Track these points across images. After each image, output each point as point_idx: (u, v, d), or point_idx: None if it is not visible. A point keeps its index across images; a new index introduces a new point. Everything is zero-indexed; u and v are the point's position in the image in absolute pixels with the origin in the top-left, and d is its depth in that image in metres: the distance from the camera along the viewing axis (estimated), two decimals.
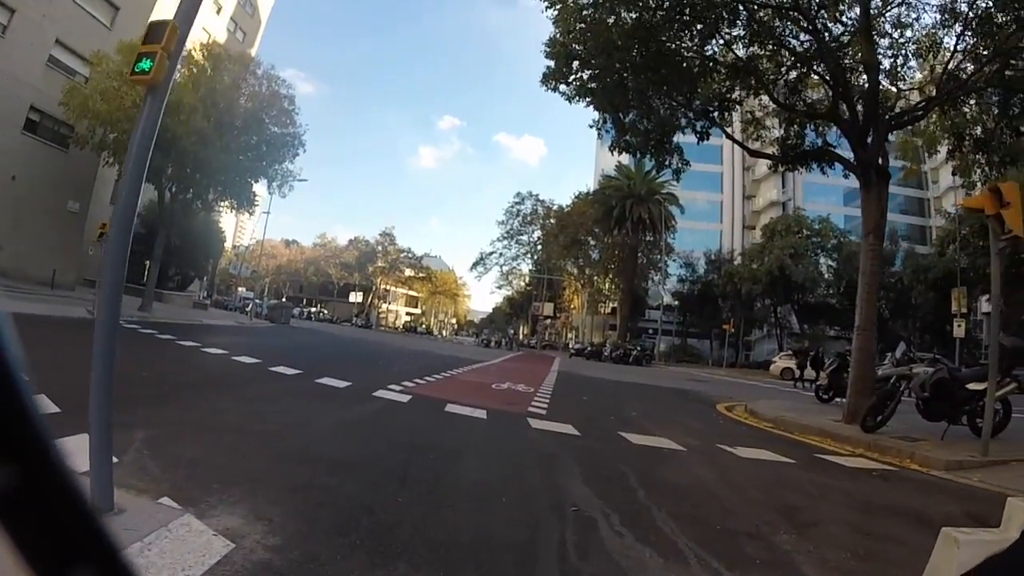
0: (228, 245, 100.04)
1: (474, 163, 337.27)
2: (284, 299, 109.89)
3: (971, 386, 10.49)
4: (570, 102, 16.26)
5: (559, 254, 68.51)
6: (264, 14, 60.22)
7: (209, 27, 40.80)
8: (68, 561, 0.56)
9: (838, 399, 17.42)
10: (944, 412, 10.62)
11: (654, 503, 5.26)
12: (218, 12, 50.95)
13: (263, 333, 29.39)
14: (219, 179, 31.71)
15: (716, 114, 16.42)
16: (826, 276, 51.42)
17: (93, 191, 35.60)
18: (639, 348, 47.33)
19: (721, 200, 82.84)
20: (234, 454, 5.60)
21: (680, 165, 17.25)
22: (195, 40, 31.94)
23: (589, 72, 15.47)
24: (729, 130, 18.02)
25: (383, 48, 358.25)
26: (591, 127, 17.60)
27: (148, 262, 31.43)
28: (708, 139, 16.72)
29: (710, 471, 7.18)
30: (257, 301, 57.15)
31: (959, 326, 38.96)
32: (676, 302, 60.05)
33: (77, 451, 3.56)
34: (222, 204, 37.71)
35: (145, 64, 3.88)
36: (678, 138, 17.01)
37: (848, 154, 15.46)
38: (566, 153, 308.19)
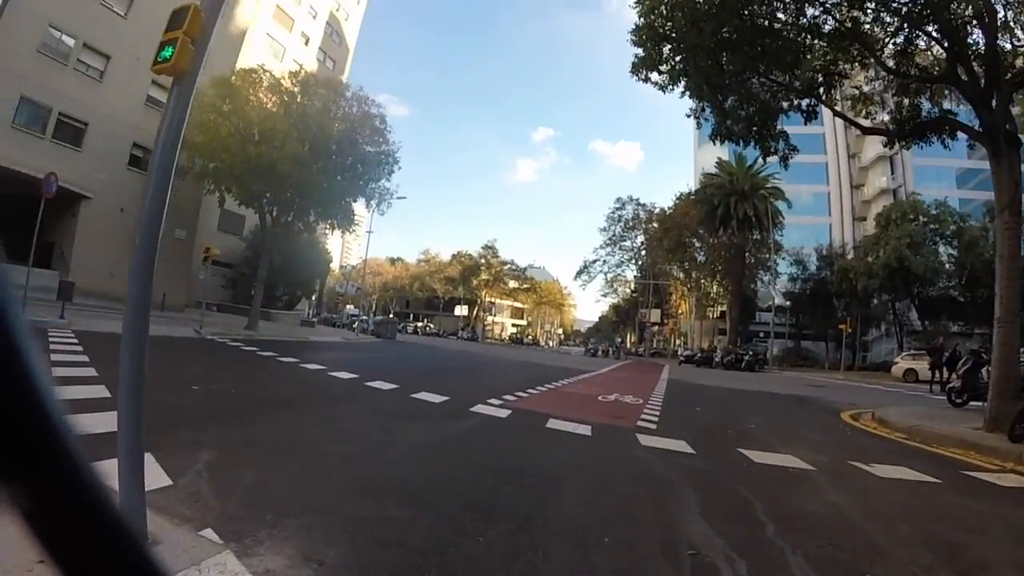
0: (335, 265, 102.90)
1: (572, 172, 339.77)
2: (391, 315, 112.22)
3: None
4: (664, 91, 15.25)
5: (663, 258, 66.73)
6: (351, 41, 62.23)
7: (299, 58, 42.36)
8: (97, 559, 0.56)
9: (973, 403, 15.93)
10: None
11: (787, 542, 4.35)
12: (306, 43, 53.14)
13: (367, 348, 29.45)
14: (318, 200, 32.15)
15: (821, 90, 15.09)
16: (947, 266, 47.57)
17: (198, 219, 37.26)
18: (751, 353, 45.11)
19: (828, 192, 79.45)
20: (299, 480, 5.07)
21: (787, 151, 15.97)
22: (285, 70, 32.96)
23: (681, 55, 14.40)
24: (837, 108, 16.55)
25: (471, 66, 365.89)
26: (688, 116, 16.43)
27: (255, 284, 32.11)
28: (816, 118, 15.61)
29: (846, 496, 6.13)
30: (364, 317, 57.67)
31: None
32: (788, 303, 56.96)
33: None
34: (323, 225, 38.53)
35: (167, 52, 3.55)
36: (782, 123, 15.85)
37: (971, 122, 13.90)
38: (664, 155, 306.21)
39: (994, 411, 11.11)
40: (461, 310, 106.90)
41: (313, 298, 68.19)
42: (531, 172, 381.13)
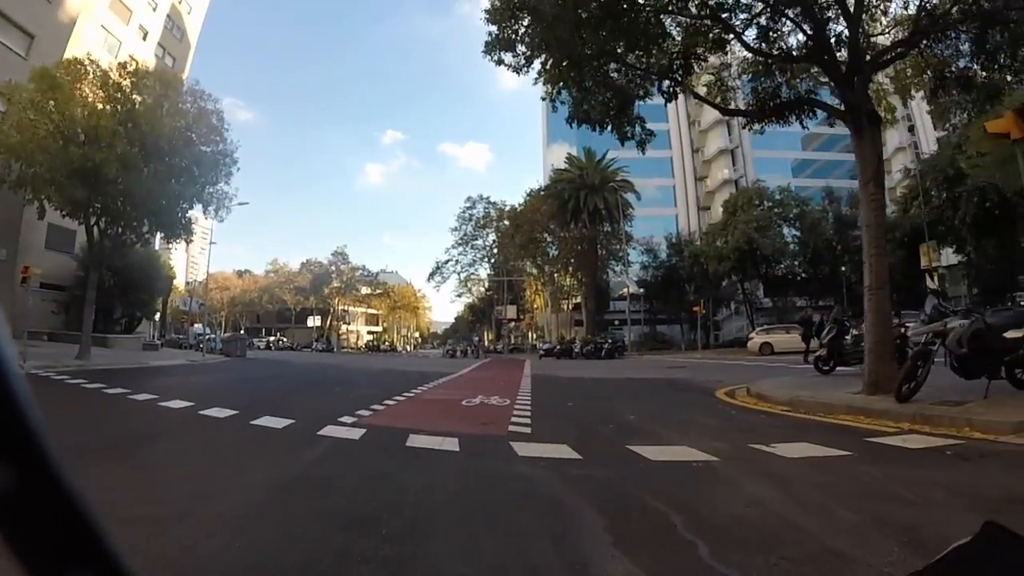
0: (180, 281, 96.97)
1: (421, 175, 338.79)
2: (242, 331, 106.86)
3: (1010, 334, 9.09)
4: (518, 73, 14.52)
5: (516, 255, 66.77)
6: (193, 38, 58.86)
7: (137, 53, 38.23)
8: (65, 563, 0.57)
9: (841, 368, 16.30)
10: (983, 367, 9.38)
11: (731, 566, 3.43)
12: (144, 38, 48.85)
13: (212, 370, 27.06)
14: (150, 208, 29.05)
15: (680, 74, 14.76)
16: (791, 247, 50.41)
17: (20, 236, 33.13)
18: (610, 341, 45.69)
19: (673, 184, 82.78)
20: None
21: (643, 136, 15.54)
22: (112, 63, 29.66)
23: (541, 25, 13.53)
24: (696, 91, 16.39)
25: (319, 70, 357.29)
26: (544, 99, 15.85)
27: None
28: (676, 98, 15.37)
29: (766, 488, 5.32)
30: (211, 336, 54.04)
31: (933, 280, 38.34)
32: (641, 290, 58.32)
33: None
34: (158, 236, 35.12)
35: None
36: (638, 109, 15.41)
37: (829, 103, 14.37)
38: (513, 156, 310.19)
39: (873, 375, 11.18)
40: (314, 321, 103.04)
41: (156, 319, 63.51)
42: (380, 176, 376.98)
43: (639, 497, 5.12)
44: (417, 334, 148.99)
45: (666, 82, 14.76)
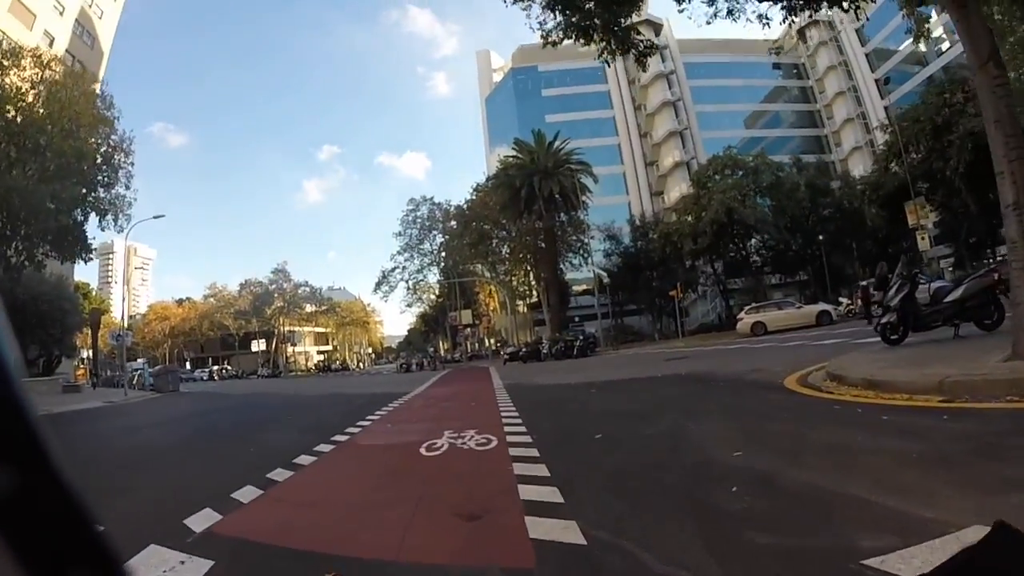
0: (117, 315, 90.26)
1: (361, 188, 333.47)
2: (186, 362, 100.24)
3: None
4: None
5: (467, 256, 62.11)
6: (106, 44, 53.90)
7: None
8: (65, 566, 0.56)
9: (915, 334, 12.66)
10: None
11: None
12: (51, 44, 42.83)
13: (115, 414, 21.98)
14: (29, 217, 23.87)
15: None
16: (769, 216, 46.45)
17: None
18: (580, 338, 41.07)
19: (623, 171, 79.72)
20: None
21: (646, 47, 11.36)
22: None
23: None
24: None
25: (247, 89, 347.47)
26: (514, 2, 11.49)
27: None
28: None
29: None
30: (140, 371, 49.09)
31: (922, 239, 34.94)
32: (607, 281, 53.73)
33: None
34: (46, 253, 29.39)
35: None
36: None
37: None
38: (452, 162, 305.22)
39: None
40: (259, 345, 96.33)
41: (87, 356, 57.57)
42: (320, 192, 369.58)
43: None
44: (370, 350, 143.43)
45: None
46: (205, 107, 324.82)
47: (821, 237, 45.70)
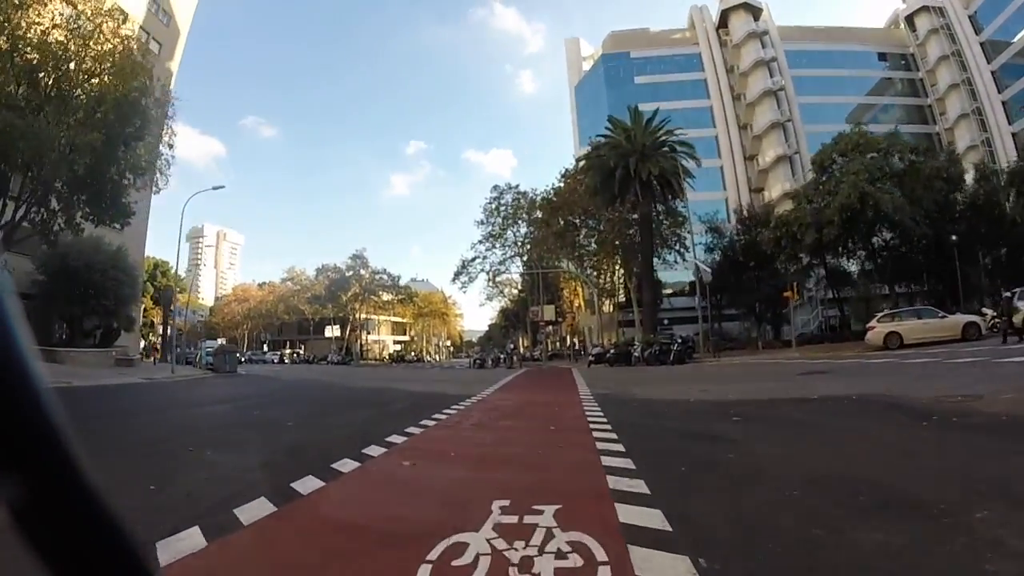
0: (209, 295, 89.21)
1: (447, 184, 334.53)
2: (265, 344, 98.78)
3: None
4: None
5: (553, 245, 57.11)
6: (184, 25, 51.79)
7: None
8: (91, 568, 0.56)
9: None
10: None
11: None
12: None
13: (143, 393, 20.45)
14: (56, 171, 20.74)
15: None
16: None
17: None
18: (679, 341, 35.50)
19: (720, 165, 73.74)
20: None
21: None
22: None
23: None
24: None
25: (338, 87, 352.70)
26: None
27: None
28: None
29: None
30: (197, 351, 49.30)
31: None
32: (710, 276, 45.94)
33: None
34: (86, 217, 26.37)
35: None
36: None
37: None
38: (538, 161, 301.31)
39: None
40: (332, 331, 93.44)
41: (167, 331, 55.55)
42: (406, 187, 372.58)
43: None
44: (448, 343, 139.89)
45: None
46: (295, 106, 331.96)
47: (955, 237, 38.61)
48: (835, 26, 79.07)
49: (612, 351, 38.71)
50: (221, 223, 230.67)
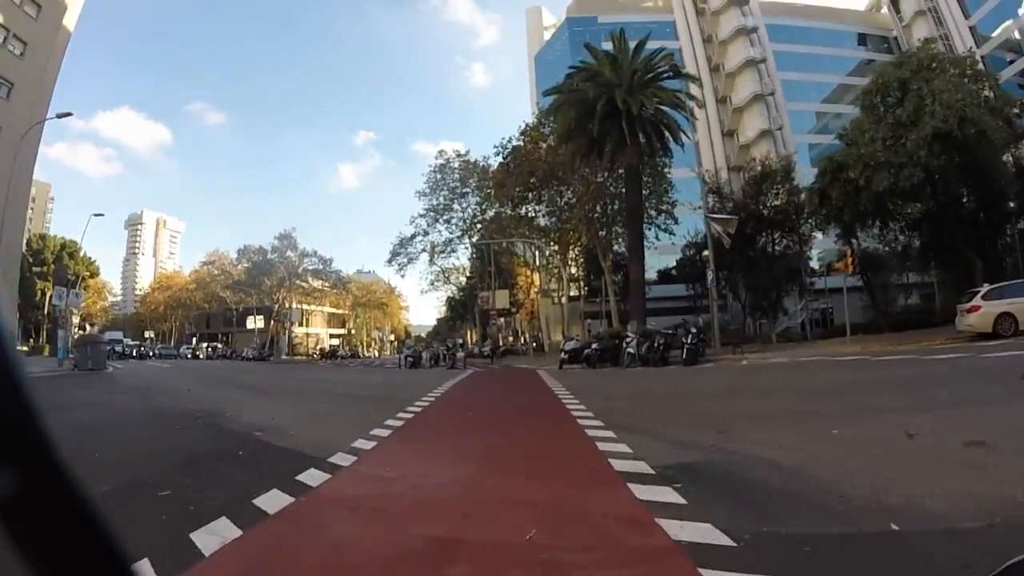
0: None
1: (396, 175, 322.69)
2: (194, 338, 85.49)
3: None
4: None
5: (508, 222, 47.16)
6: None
7: None
8: (74, 566, 0.56)
9: None
10: None
11: None
12: None
13: None
14: None
15: None
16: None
17: None
18: (693, 331, 24.15)
19: (697, 140, 64.70)
20: None
21: None
22: None
23: None
24: None
25: (286, 74, 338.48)
26: None
27: None
28: None
29: None
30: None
31: None
32: (728, 237, 30.93)
33: None
34: None
35: None
36: None
37: None
38: (488, 154, 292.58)
39: None
40: (255, 322, 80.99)
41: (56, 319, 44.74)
42: (355, 178, 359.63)
43: None
44: (392, 337, 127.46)
45: None
46: (239, 92, 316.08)
47: (1012, 204, 29.48)
48: (815, 4, 74.90)
49: (594, 347, 27.65)
50: (163, 211, 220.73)
